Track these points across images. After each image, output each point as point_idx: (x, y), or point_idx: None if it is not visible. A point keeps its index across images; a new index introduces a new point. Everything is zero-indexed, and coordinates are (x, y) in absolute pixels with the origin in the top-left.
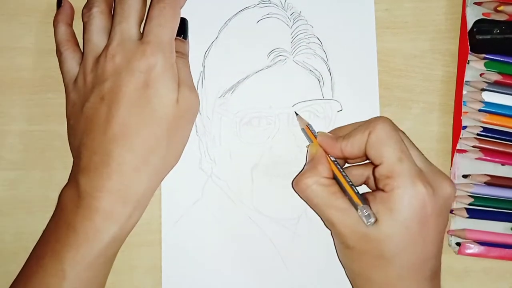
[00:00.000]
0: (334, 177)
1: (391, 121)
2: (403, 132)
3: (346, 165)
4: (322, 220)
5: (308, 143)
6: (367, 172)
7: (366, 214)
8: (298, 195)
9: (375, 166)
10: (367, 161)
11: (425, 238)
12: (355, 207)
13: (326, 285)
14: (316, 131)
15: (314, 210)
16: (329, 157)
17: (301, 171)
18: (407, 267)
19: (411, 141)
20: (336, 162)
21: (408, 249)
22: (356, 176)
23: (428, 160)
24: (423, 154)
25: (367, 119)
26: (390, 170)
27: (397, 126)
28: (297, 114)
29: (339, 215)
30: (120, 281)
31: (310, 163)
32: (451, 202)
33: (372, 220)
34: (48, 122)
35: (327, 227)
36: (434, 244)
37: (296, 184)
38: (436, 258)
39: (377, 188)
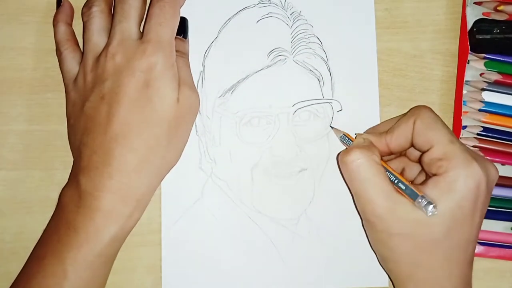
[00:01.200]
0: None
1: (431, 108)
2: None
3: None
4: (357, 207)
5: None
6: None
7: (426, 203)
8: (340, 170)
9: (423, 152)
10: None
11: (473, 218)
12: (413, 197)
13: (326, 285)
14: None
15: (353, 192)
16: None
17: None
18: (453, 248)
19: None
20: None
21: (457, 229)
22: None
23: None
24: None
25: (367, 119)
26: (442, 152)
27: None
28: (332, 128)
29: (383, 198)
30: (120, 281)
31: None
32: (493, 187)
33: (433, 209)
34: (48, 122)
35: (359, 214)
36: (478, 226)
37: (344, 155)
38: (475, 242)
39: (426, 175)
